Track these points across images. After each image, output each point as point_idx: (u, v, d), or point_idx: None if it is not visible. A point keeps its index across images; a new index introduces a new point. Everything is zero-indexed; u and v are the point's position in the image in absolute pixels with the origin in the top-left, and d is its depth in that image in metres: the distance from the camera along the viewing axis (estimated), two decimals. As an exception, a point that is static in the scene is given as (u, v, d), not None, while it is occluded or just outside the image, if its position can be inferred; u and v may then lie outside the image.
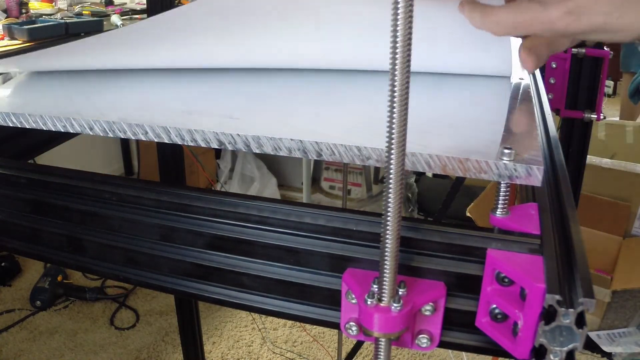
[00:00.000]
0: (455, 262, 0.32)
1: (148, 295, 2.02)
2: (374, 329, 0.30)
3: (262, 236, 0.35)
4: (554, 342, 0.26)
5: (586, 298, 0.25)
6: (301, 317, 0.36)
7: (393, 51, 0.25)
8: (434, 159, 0.33)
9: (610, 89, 4.31)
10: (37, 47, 0.56)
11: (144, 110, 0.41)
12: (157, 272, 0.39)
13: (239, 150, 0.37)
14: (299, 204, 0.36)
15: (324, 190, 2.69)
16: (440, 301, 0.32)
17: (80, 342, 1.80)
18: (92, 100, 0.43)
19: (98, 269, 0.41)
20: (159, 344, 1.80)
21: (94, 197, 0.39)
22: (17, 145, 0.59)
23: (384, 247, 0.28)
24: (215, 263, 0.37)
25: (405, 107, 0.26)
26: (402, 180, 0.27)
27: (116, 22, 1.64)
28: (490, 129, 0.38)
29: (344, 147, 0.35)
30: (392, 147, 0.27)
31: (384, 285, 0.29)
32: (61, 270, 2.00)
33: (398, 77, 0.25)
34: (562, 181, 0.38)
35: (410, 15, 0.25)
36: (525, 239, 0.31)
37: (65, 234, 0.41)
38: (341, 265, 0.34)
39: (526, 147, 0.34)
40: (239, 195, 0.37)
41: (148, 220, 0.38)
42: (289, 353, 1.78)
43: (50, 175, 0.40)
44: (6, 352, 1.74)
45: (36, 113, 0.40)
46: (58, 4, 1.95)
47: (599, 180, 1.95)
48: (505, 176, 0.33)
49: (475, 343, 0.33)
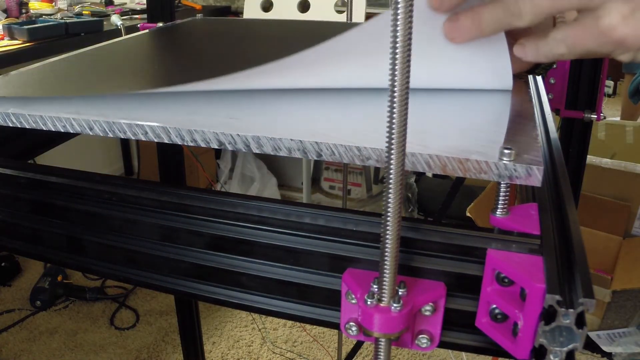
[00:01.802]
0: (455, 262, 0.32)
1: (148, 295, 2.02)
2: (374, 329, 0.30)
3: (262, 236, 0.35)
4: (554, 343, 0.26)
5: (586, 298, 0.25)
6: (301, 317, 0.36)
7: (393, 51, 0.25)
8: (434, 159, 0.33)
9: (610, 89, 4.31)
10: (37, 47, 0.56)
11: (144, 110, 0.41)
12: (157, 272, 0.39)
13: (239, 150, 0.37)
14: (298, 204, 0.36)
15: (324, 190, 2.69)
16: (440, 301, 0.32)
17: (80, 342, 1.80)
18: (92, 100, 0.43)
19: (98, 269, 0.41)
20: (159, 344, 1.80)
21: (94, 197, 0.39)
22: (17, 145, 0.59)
23: (384, 247, 0.28)
24: (215, 263, 0.37)
25: (405, 107, 0.26)
26: (402, 180, 0.27)
27: (116, 22, 1.64)
28: (490, 129, 0.38)
29: (344, 147, 0.35)
30: (392, 147, 0.27)
31: (384, 285, 0.29)
32: (61, 270, 2.00)
33: (398, 77, 0.25)
34: (562, 181, 0.38)
35: (410, 15, 0.25)
36: (525, 239, 0.31)
37: (65, 234, 0.41)
38: (341, 265, 0.34)
39: (526, 147, 0.34)
40: (239, 195, 0.37)
41: (148, 220, 0.38)
42: (289, 353, 1.78)
43: (50, 175, 0.40)
44: (6, 352, 1.74)
45: (36, 113, 0.40)
46: (58, 4, 1.95)
47: (599, 180, 1.95)
48: (505, 176, 0.33)
49: (475, 343, 0.33)
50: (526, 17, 0.35)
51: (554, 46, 0.37)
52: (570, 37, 0.35)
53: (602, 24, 0.33)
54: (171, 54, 0.67)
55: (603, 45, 0.34)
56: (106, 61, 0.59)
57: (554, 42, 0.37)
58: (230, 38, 0.74)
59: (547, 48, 0.37)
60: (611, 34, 0.33)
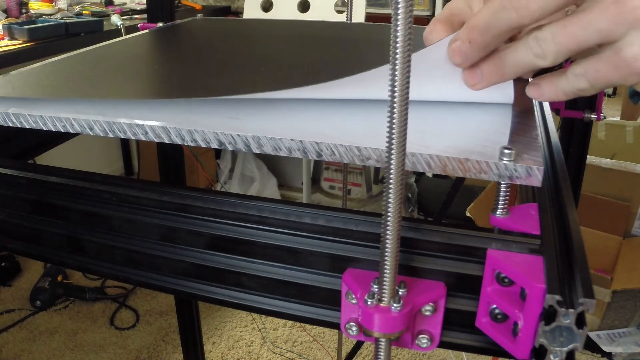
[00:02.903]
0: (455, 262, 0.32)
1: (148, 295, 2.02)
2: (374, 329, 0.30)
3: (262, 236, 0.35)
4: (554, 343, 0.26)
5: (586, 298, 0.25)
6: (301, 317, 0.36)
7: (393, 51, 0.25)
8: (434, 159, 0.33)
9: (610, 89, 4.31)
10: (37, 47, 0.55)
11: (144, 110, 0.41)
12: (157, 272, 0.39)
13: (239, 150, 0.37)
14: (298, 204, 0.36)
15: (324, 190, 2.69)
16: (440, 301, 0.32)
17: (80, 342, 1.80)
18: (92, 100, 0.43)
19: (98, 269, 0.41)
20: (159, 344, 1.80)
21: (94, 197, 0.39)
22: (17, 145, 0.59)
23: (384, 247, 0.28)
24: (215, 263, 0.37)
25: (405, 107, 0.26)
26: (402, 180, 0.27)
27: (116, 22, 1.63)
28: (490, 129, 0.38)
29: (344, 147, 0.35)
30: (392, 147, 0.27)
31: (384, 285, 0.29)
32: (61, 270, 2.00)
33: (398, 77, 0.25)
34: (562, 181, 0.38)
35: (410, 15, 0.25)
36: (525, 239, 0.31)
37: (65, 234, 0.41)
38: (341, 265, 0.34)
39: (526, 147, 0.34)
40: (239, 195, 0.37)
41: (148, 220, 0.38)
42: (289, 353, 1.78)
43: (50, 175, 0.40)
44: (6, 352, 1.74)
45: (36, 113, 0.40)
46: (58, 4, 1.95)
47: (599, 180, 1.95)
48: (505, 176, 0.33)
49: (475, 343, 0.33)
50: (549, 57, 0.34)
51: (574, 82, 0.35)
52: (591, 71, 0.34)
53: (626, 55, 0.32)
54: (171, 54, 0.67)
55: (627, 76, 0.33)
56: (106, 61, 0.59)
57: (574, 78, 0.35)
58: (231, 38, 0.74)
59: (567, 84, 0.36)
60: (637, 65, 0.32)
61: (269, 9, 2.08)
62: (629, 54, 0.32)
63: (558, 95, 0.37)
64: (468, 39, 0.36)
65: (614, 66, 0.33)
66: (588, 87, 0.35)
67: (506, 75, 0.38)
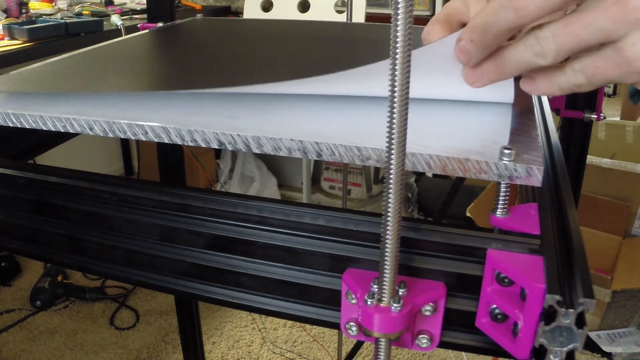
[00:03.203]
0: (455, 262, 0.32)
1: (148, 295, 2.02)
2: (374, 329, 0.30)
3: (262, 236, 0.35)
4: (554, 343, 0.26)
5: (586, 298, 0.25)
6: (301, 317, 0.36)
7: (393, 51, 0.25)
8: (434, 159, 0.33)
9: (610, 89, 4.32)
10: (37, 47, 0.56)
11: (144, 110, 0.41)
12: (157, 272, 0.39)
13: (239, 150, 0.37)
14: (298, 204, 0.36)
15: (324, 190, 2.69)
16: (440, 301, 0.32)
17: (80, 342, 1.80)
18: (92, 100, 0.43)
19: (98, 269, 0.41)
20: (159, 344, 1.80)
21: (94, 197, 0.39)
22: (17, 145, 0.59)
23: (384, 247, 0.28)
24: (215, 263, 0.37)
25: (405, 107, 0.26)
26: (402, 180, 0.27)
27: (116, 22, 1.63)
28: (490, 129, 0.38)
29: (344, 147, 0.35)
30: (392, 147, 0.27)
31: (384, 285, 0.29)
32: (61, 270, 2.00)
33: (398, 77, 0.25)
34: (562, 181, 0.38)
35: (410, 15, 0.25)
36: (525, 239, 0.31)
37: (65, 234, 0.41)
38: (341, 265, 0.34)
39: (526, 147, 0.34)
40: (239, 195, 0.37)
41: (148, 220, 0.38)
42: (289, 353, 1.78)
43: (50, 175, 0.40)
44: (6, 352, 1.74)
45: (36, 113, 0.40)
46: (58, 4, 1.95)
47: (599, 180, 1.95)
48: (505, 176, 0.33)
49: (475, 343, 0.33)
50: (550, 56, 0.34)
51: (572, 77, 0.35)
52: (590, 67, 0.34)
53: (629, 55, 0.32)
54: (171, 54, 0.67)
55: (627, 75, 0.33)
56: (106, 61, 0.59)
57: (572, 73, 0.35)
58: (231, 38, 0.74)
59: (564, 79, 0.36)
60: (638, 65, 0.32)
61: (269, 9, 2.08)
62: (631, 54, 0.32)
63: (553, 90, 0.37)
64: (469, 38, 0.36)
65: (615, 64, 0.33)
66: (585, 83, 0.35)
67: (506, 74, 0.38)
